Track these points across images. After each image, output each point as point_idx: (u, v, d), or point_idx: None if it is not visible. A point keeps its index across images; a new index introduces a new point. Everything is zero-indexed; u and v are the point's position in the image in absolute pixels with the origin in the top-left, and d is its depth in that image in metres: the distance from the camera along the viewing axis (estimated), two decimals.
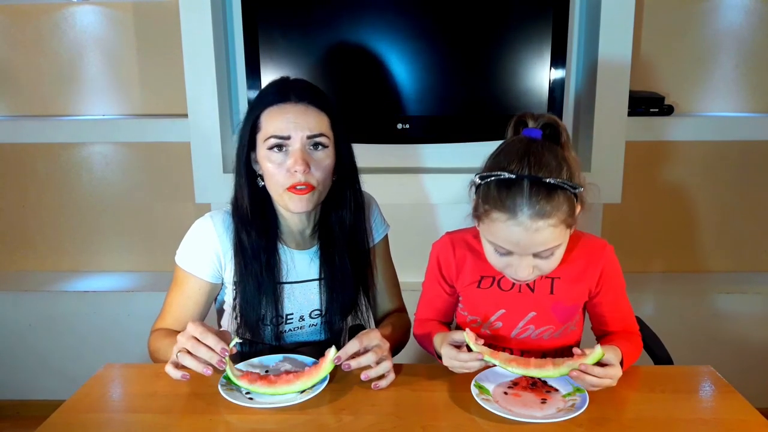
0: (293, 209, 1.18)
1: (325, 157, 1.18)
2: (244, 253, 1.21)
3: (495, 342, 1.20)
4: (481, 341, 1.06)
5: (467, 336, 1.06)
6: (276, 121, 1.14)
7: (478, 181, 1.06)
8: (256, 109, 1.18)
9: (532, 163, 1.01)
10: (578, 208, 1.05)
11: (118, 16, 2.19)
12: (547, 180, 1.00)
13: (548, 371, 1.03)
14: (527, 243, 1.01)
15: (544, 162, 1.02)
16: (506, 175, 1.01)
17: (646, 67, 2.17)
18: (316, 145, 1.16)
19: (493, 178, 1.03)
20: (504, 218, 1.01)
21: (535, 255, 1.04)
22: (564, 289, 1.16)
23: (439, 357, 1.11)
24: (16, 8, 2.18)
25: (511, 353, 1.16)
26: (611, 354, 1.04)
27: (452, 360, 1.06)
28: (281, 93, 1.16)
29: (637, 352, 1.16)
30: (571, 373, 1.02)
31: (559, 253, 1.06)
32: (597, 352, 1.01)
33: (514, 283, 1.16)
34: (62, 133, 2.22)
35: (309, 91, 1.18)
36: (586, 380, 1.01)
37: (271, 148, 1.15)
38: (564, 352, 1.20)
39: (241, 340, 1.20)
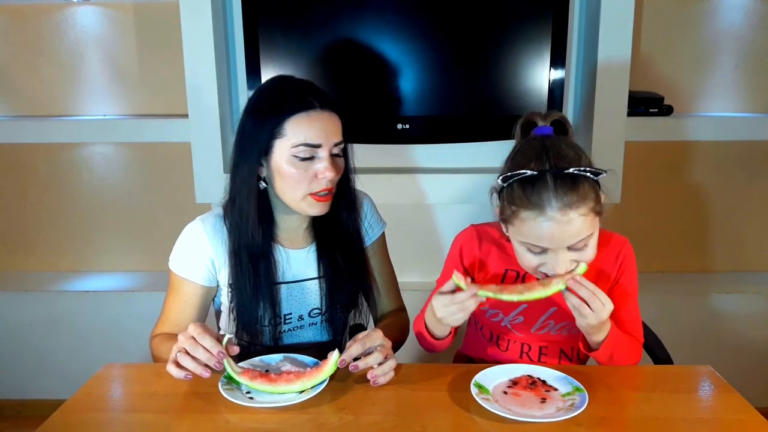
0: (313, 213, 1.20)
1: (342, 162, 1.21)
2: (240, 256, 1.21)
3: (514, 335, 1.22)
4: (469, 279, 1.05)
5: (456, 276, 1.05)
6: (307, 129, 1.14)
7: (500, 183, 1.05)
8: (275, 115, 1.15)
9: (552, 158, 1.02)
10: (603, 196, 1.05)
11: (119, 16, 2.19)
12: (571, 170, 1.00)
13: (537, 292, 1.03)
14: (560, 237, 1.01)
15: (563, 154, 1.03)
16: (528, 172, 1.01)
17: (646, 67, 2.17)
18: (337, 151, 1.19)
19: (515, 178, 1.03)
20: (533, 216, 1.01)
21: (570, 248, 1.03)
22: None
23: (433, 335, 1.13)
24: (16, 8, 2.18)
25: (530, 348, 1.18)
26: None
27: (447, 306, 1.05)
28: (303, 99, 1.15)
29: (630, 347, 1.16)
30: (568, 282, 1.02)
31: (593, 242, 1.05)
32: (582, 266, 1.03)
33: (538, 279, 1.16)
34: (62, 133, 2.22)
35: (327, 97, 1.19)
36: (580, 291, 1.01)
37: (299, 155, 1.14)
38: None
39: (232, 336, 1.20)
